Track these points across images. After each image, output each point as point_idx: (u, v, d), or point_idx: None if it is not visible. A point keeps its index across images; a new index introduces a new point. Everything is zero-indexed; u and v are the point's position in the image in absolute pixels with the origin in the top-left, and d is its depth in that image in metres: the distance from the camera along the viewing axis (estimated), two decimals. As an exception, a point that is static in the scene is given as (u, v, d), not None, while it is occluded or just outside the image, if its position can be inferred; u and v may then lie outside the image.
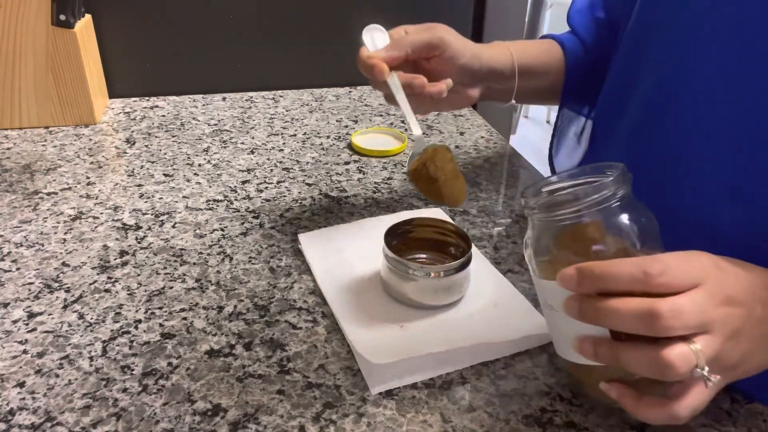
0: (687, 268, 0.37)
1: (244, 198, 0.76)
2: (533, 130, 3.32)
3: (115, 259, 0.63)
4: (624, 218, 0.41)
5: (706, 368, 0.36)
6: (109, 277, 0.61)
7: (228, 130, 0.94)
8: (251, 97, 1.07)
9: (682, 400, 0.38)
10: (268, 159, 0.86)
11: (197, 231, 0.69)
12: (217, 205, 0.74)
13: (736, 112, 0.48)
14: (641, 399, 0.39)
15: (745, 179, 0.48)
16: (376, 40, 0.63)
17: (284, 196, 0.76)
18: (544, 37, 0.78)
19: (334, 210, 0.74)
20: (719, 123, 0.49)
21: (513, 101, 0.72)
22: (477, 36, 1.23)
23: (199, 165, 0.83)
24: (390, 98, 0.63)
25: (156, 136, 0.91)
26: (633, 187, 0.42)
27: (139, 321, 0.55)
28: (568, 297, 0.39)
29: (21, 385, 0.48)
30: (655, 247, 0.41)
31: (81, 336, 0.53)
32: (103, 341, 0.53)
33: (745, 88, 0.47)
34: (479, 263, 0.63)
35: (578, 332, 0.40)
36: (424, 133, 0.96)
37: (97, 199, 0.74)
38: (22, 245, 0.65)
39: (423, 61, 0.64)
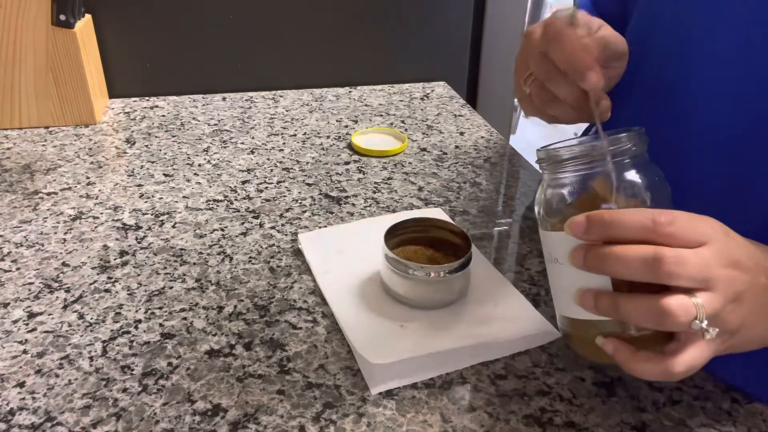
0: (695, 225, 0.38)
1: (244, 198, 0.76)
2: (533, 130, 3.32)
3: (115, 259, 0.63)
4: (636, 177, 0.41)
5: (705, 322, 0.36)
6: (109, 277, 0.61)
7: (228, 130, 0.94)
8: (251, 97, 1.07)
9: (678, 356, 0.38)
10: (268, 159, 0.86)
11: (197, 231, 0.69)
12: (217, 205, 0.74)
13: (738, 109, 0.48)
14: (636, 353, 0.39)
15: (746, 176, 0.48)
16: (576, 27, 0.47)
17: (284, 196, 0.76)
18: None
19: (334, 210, 0.74)
20: (721, 119, 0.49)
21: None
22: (477, 36, 1.23)
23: (199, 165, 0.83)
24: (546, 100, 0.50)
25: (156, 136, 0.91)
26: None
27: (139, 321, 0.55)
28: (575, 247, 0.39)
29: (21, 385, 0.48)
30: (667, 208, 0.41)
31: (81, 336, 0.53)
32: (103, 341, 0.53)
33: (748, 84, 0.47)
34: (479, 263, 0.63)
35: (581, 284, 0.40)
36: (423, 133, 0.96)
37: (97, 199, 0.74)
38: (22, 245, 0.65)
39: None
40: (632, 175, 0.41)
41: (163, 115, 0.99)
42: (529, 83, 0.52)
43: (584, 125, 0.77)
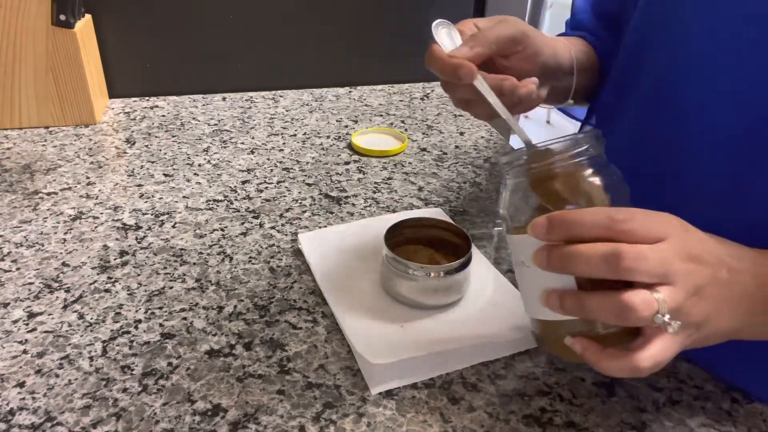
0: (654, 221, 0.38)
1: (244, 198, 0.76)
2: (533, 130, 3.31)
3: (115, 259, 0.63)
4: (594, 176, 0.42)
5: (667, 315, 0.36)
6: (109, 277, 0.61)
7: (228, 130, 0.94)
8: (251, 97, 1.07)
9: (643, 352, 0.38)
10: (268, 159, 0.86)
11: (197, 231, 0.69)
12: (217, 205, 0.74)
13: (737, 109, 0.48)
14: (603, 351, 0.40)
15: (746, 176, 0.48)
16: (447, 37, 0.53)
17: (284, 196, 0.76)
18: (563, 34, 0.76)
19: (334, 210, 0.74)
20: (721, 119, 0.49)
21: (570, 100, 0.67)
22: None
23: (199, 165, 0.83)
24: (465, 103, 0.55)
25: (156, 136, 0.91)
26: (634, 181, 0.42)
27: (139, 321, 0.55)
28: (538, 248, 0.40)
29: (21, 385, 0.48)
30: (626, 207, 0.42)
31: (81, 336, 0.53)
32: (103, 341, 0.53)
33: (748, 84, 0.47)
34: (479, 263, 0.63)
35: (546, 286, 0.41)
36: (423, 133, 0.96)
37: (97, 199, 0.74)
38: (22, 245, 0.65)
39: (500, 59, 0.56)
40: (591, 176, 0.42)
41: (163, 115, 0.99)
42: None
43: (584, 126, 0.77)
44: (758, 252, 0.43)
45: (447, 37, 0.53)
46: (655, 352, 0.38)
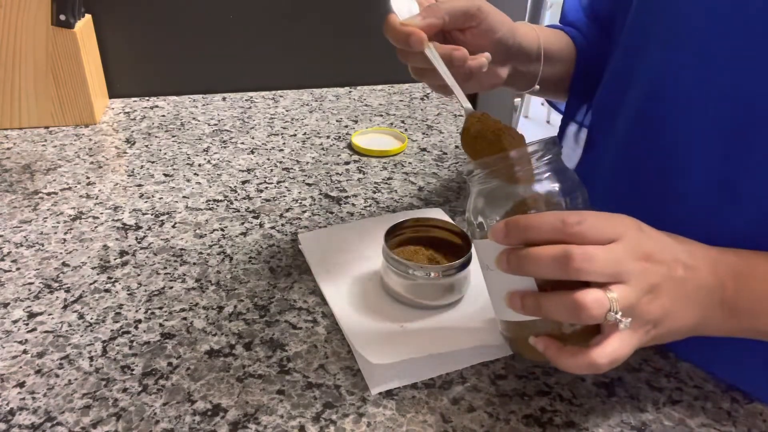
0: (605, 223, 0.40)
1: (244, 198, 0.76)
2: (533, 130, 3.32)
3: (115, 259, 0.63)
4: (551, 181, 0.43)
5: (620, 313, 0.38)
6: (109, 277, 0.61)
7: (228, 130, 0.94)
8: (251, 97, 1.07)
9: (600, 348, 0.39)
10: (268, 159, 0.86)
11: (197, 231, 0.69)
12: (217, 205, 0.74)
13: (729, 110, 0.48)
14: (563, 349, 0.41)
15: (741, 178, 0.48)
16: (404, 6, 0.55)
17: (284, 196, 0.76)
18: (550, 26, 0.77)
19: (334, 210, 0.74)
20: (711, 120, 0.49)
21: (536, 87, 0.68)
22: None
23: (199, 165, 0.83)
24: (421, 72, 0.57)
25: (156, 136, 0.91)
26: (629, 187, 0.43)
27: (139, 321, 0.55)
28: (499, 252, 0.42)
29: (21, 385, 0.48)
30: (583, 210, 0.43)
31: (81, 336, 0.53)
32: (103, 341, 0.53)
33: (741, 84, 0.47)
34: (479, 263, 0.63)
35: (509, 288, 0.43)
36: (423, 133, 0.96)
37: (97, 199, 0.74)
38: (22, 245, 0.65)
39: (457, 32, 0.57)
40: (548, 180, 0.43)
41: (163, 115, 0.99)
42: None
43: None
44: (717, 250, 0.44)
45: (405, 7, 0.55)
46: (611, 349, 0.39)
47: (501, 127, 0.50)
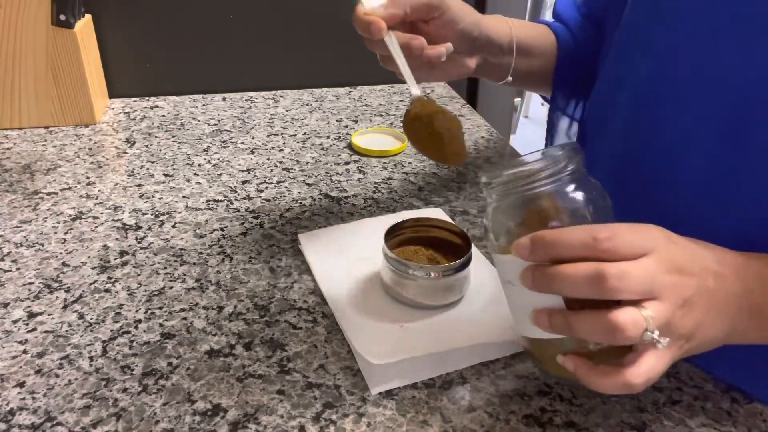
0: (636, 237, 0.38)
1: (244, 198, 0.76)
2: (533, 130, 3.32)
3: (115, 259, 0.63)
4: (577, 194, 0.42)
5: (657, 332, 0.36)
6: (109, 277, 0.61)
7: (228, 130, 0.94)
8: (251, 97, 1.07)
9: (635, 368, 0.38)
10: (268, 159, 0.86)
11: (197, 231, 0.69)
12: (217, 205, 0.74)
13: (725, 106, 0.48)
14: (595, 369, 0.39)
15: (739, 176, 0.48)
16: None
17: (284, 196, 0.76)
18: (535, 21, 0.78)
19: (334, 210, 0.74)
20: (707, 116, 0.49)
21: (509, 78, 0.70)
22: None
23: (199, 165, 0.83)
24: (386, 60, 0.59)
25: (156, 136, 0.91)
26: (624, 181, 0.42)
27: (139, 321, 0.55)
28: (523, 268, 0.40)
29: (21, 385, 0.48)
30: (608, 220, 0.42)
31: (81, 336, 0.53)
32: (103, 341, 0.53)
33: (737, 80, 0.47)
34: (479, 263, 0.63)
35: (534, 305, 0.41)
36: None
37: (97, 199, 0.74)
38: (22, 245, 0.65)
39: (421, 23, 0.60)
40: (572, 192, 0.42)
41: (163, 115, 0.99)
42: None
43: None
44: (744, 256, 0.43)
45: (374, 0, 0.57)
46: (646, 368, 0.38)
47: (436, 110, 0.52)
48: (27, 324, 0.54)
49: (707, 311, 0.40)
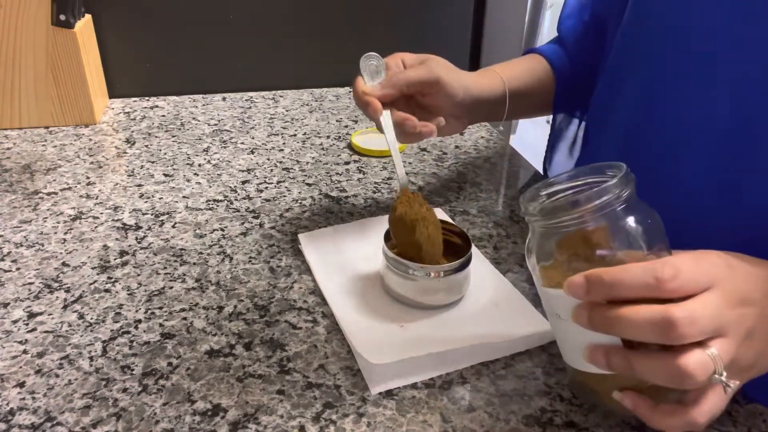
0: (700, 271, 0.36)
1: (244, 198, 0.76)
2: (533, 130, 3.31)
3: (115, 259, 0.63)
4: (629, 221, 0.39)
5: (725, 374, 0.35)
6: (109, 277, 0.61)
7: (228, 130, 0.94)
8: (251, 97, 1.07)
9: (699, 407, 0.37)
10: (268, 159, 0.86)
11: (197, 231, 0.69)
12: (217, 205, 0.74)
13: (728, 108, 0.48)
14: (657, 408, 0.38)
15: (740, 177, 0.48)
16: (372, 70, 0.63)
17: (284, 196, 0.76)
18: (528, 51, 0.79)
19: (334, 210, 0.74)
20: (711, 119, 0.49)
21: (502, 121, 0.73)
22: (477, 37, 1.23)
23: (199, 165, 0.83)
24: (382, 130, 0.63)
25: (156, 136, 0.91)
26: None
27: (139, 321, 0.55)
28: (577, 305, 0.38)
29: (21, 385, 0.48)
30: (663, 249, 0.40)
31: (81, 336, 0.53)
32: (103, 341, 0.53)
33: (742, 80, 0.47)
34: (479, 263, 0.63)
35: (588, 341, 0.39)
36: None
37: (97, 199, 0.74)
38: (22, 245, 0.65)
39: (418, 95, 0.65)
40: (627, 221, 0.39)
41: (163, 115, 0.99)
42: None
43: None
44: None
45: (371, 72, 0.63)
46: (710, 406, 0.37)
47: (419, 217, 0.55)
48: (27, 324, 0.54)
49: (767, 338, 0.39)
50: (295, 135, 0.93)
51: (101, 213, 0.71)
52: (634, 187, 0.40)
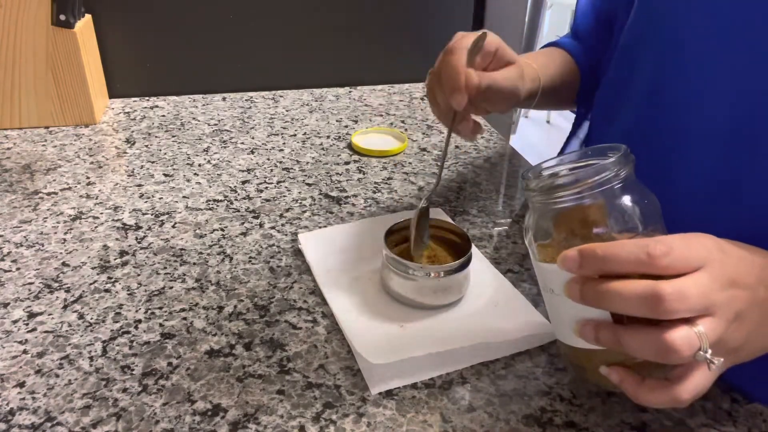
0: (691, 250, 0.37)
1: (244, 198, 0.76)
2: (533, 130, 3.32)
3: (115, 259, 0.63)
4: (626, 200, 0.40)
5: (710, 351, 0.36)
6: (109, 277, 0.61)
7: (228, 130, 0.94)
8: (251, 97, 1.07)
9: (684, 383, 0.38)
10: (268, 159, 0.86)
11: (197, 231, 0.69)
12: (217, 205, 0.74)
13: (731, 106, 0.48)
14: (643, 383, 0.39)
15: (741, 178, 0.48)
16: (476, 52, 0.57)
17: (284, 196, 0.76)
18: (548, 45, 0.79)
19: (334, 210, 0.74)
20: (714, 117, 0.49)
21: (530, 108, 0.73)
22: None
23: (199, 165, 0.83)
24: (433, 102, 0.61)
25: (156, 136, 0.91)
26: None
27: (139, 321, 0.55)
28: (569, 279, 0.39)
29: (21, 385, 0.48)
30: (658, 229, 0.41)
31: (81, 336, 0.53)
32: (103, 341, 0.53)
33: (743, 79, 0.47)
34: (479, 263, 0.63)
35: (579, 316, 0.40)
36: (423, 133, 0.96)
37: (97, 199, 0.74)
38: (22, 245, 0.65)
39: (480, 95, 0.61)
40: (623, 200, 0.40)
41: (163, 115, 0.99)
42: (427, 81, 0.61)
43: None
44: None
45: (474, 52, 0.56)
46: (695, 383, 0.38)
47: (413, 238, 0.57)
48: (27, 324, 0.54)
49: (759, 323, 0.39)
50: (295, 135, 0.93)
51: (101, 213, 0.71)
52: (633, 167, 0.41)
